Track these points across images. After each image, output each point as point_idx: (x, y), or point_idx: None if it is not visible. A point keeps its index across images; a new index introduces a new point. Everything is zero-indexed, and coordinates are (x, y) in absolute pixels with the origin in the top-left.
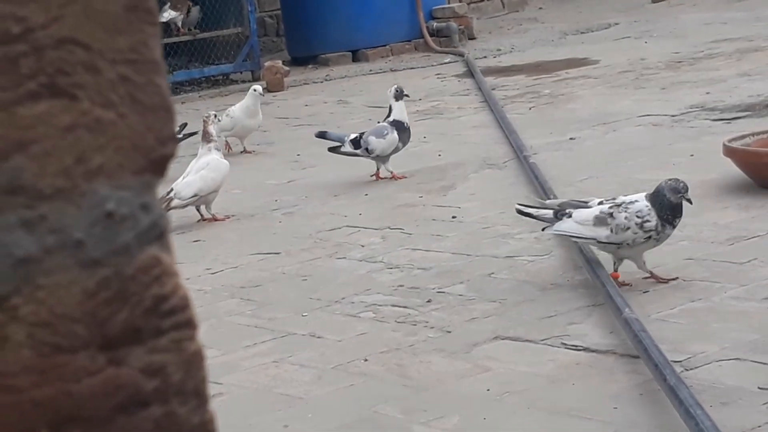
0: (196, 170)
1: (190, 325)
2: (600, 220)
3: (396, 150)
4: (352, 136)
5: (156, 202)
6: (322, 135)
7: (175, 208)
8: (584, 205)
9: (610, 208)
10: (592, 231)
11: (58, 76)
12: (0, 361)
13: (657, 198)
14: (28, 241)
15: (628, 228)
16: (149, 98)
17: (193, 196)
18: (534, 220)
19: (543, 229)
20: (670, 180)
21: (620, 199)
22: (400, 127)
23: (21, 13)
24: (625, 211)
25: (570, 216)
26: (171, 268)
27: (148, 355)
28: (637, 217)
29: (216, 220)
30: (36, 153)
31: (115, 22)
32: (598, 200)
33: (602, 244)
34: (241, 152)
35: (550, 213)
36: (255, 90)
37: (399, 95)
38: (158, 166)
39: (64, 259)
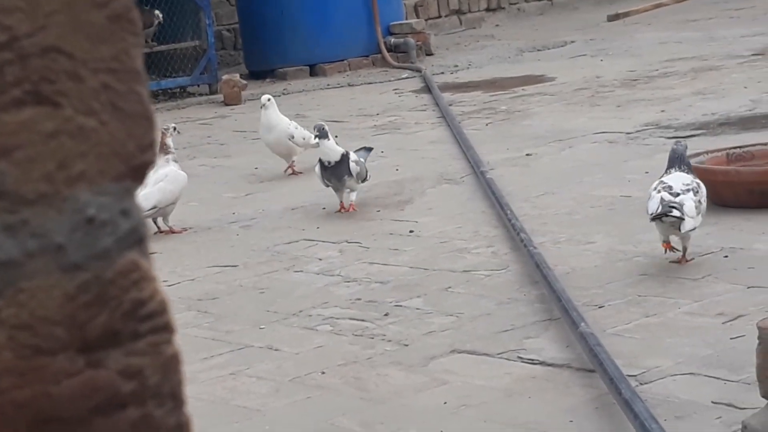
0: (154, 182)
1: (167, 329)
2: (697, 207)
3: (332, 187)
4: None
5: (135, 208)
6: None
7: None
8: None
9: (687, 191)
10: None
11: (42, 84)
12: None
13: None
14: (10, 244)
15: (701, 202)
16: (130, 106)
17: (152, 209)
18: (493, 235)
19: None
20: (675, 145)
21: (671, 179)
22: (324, 166)
23: (7, 22)
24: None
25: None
26: (149, 273)
27: (125, 357)
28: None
29: (173, 232)
30: (19, 159)
31: (98, 32)
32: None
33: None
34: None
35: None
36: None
37: (322, 134)
38: (138, 172)
39: (46, 263)
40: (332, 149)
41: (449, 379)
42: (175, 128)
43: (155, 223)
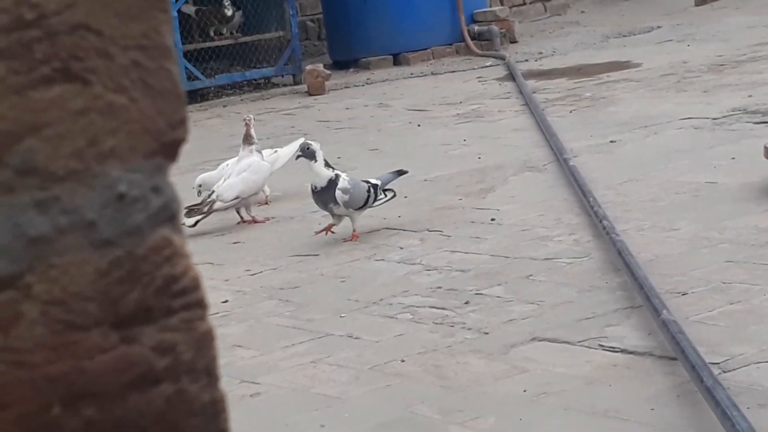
0: (237, 172)
1: (200, 305)
2: None
3: (328, 212)
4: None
5: (167, 185)
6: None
7: (217, 210)
8: None
9: None
10: None
11: (71, 61)
12: (14, 337)
13: None
14: (41, 221)
15: None
16: (160, 83)
17: (235, 198)
18: (575, 223)
19: None
20: None
21: None
22: (312, 189)
23: (35, 0)
24: None
25: None
26: (182, 249)
27: (159, 333)
28: None
29: (256, 222)
30: (49, 136)
31: (127, 9)
32: None
33: None
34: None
35: None
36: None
37: (305, 154)
38: (169, 149)
39: (77, 239)
40: (318, 173)
41: (529, 367)
42: (252, 118)
43: (238, 213)
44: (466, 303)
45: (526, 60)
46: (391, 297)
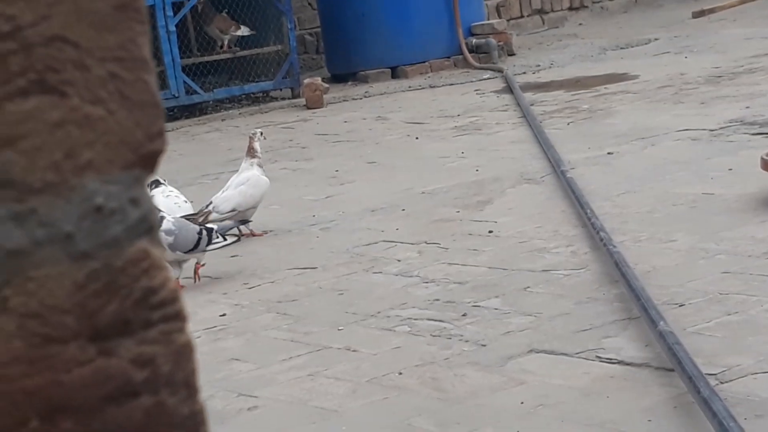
0: (235, 185)
1: (179, 317)
2: None
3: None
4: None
5: (145, 197)
6: None
7: (212, 221)
8: None
9: None
10: None
11: (48, 73)
12: None
13: None
14: (18, 233)
15: None
16: (138, 95)
17: (231, 211)
18: (572, 235)
19: None
20: None
21: None
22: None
23: (10, 12)
24: None
25: None
26: (160, 262)
27: (137, 346)
28: None
29: (254, 235)
30: (25, 148)
31: (104, 21)
32: None
33: None
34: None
35: None
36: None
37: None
38: (147, 161)
39: (54, 251)
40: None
41: (527, 379)
42: (261, 133)
43: (238, 228)
44: (464, 315)
45: (524, 72)
46: (388, 309)
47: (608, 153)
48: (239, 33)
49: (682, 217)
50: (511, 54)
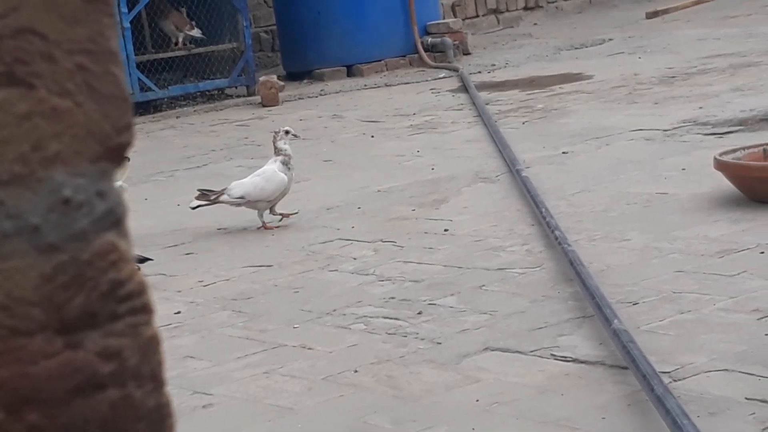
0: (251, 175)
1: (146, 310)
2: None
3: None
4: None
5: (112, 189)
6: None
7: (221, 202)
8: None
9: None
10: None
11: (16, 65)
12: None
13: None
14: None
15: None
16: (106, 87)
17: (239, 197)
18: (527, 234)
19: None
20: None
21: None
22: None
23: None
24: None
25: None
26: (127, 254)
27: (104, 339)
28: None
29: (266, 228)
30: None
31: (72, 13)
32: None
33: None
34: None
35: None
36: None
37: None
38: (115, 153)
39: (21, 244)
40: None
41: (482, 377)
42: (287, 132)
43: (272, 212)
44: (420, 313)
45: (479, 72)
46: (344, 307)
47: (563, 152)
48: (193, 33)
49: (636, 216)
50: (467, 53)
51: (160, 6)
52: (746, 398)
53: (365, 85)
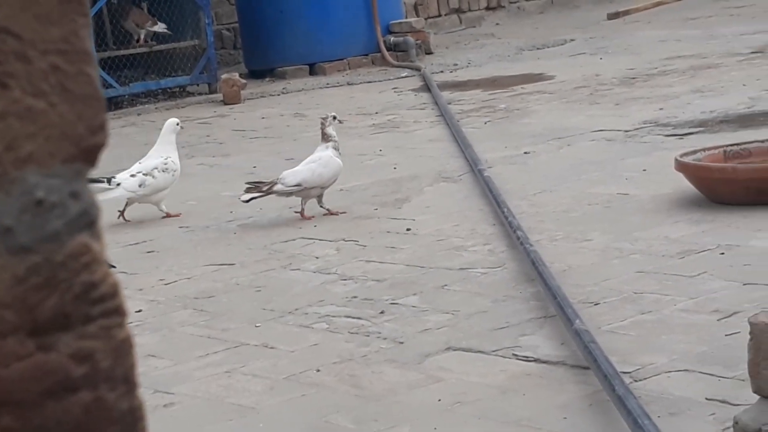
0: (306, 162)
1: (119, 312)
2: None
3: None
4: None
5: (86, 191)
6: None
7: (275, 193)
8: None
9: None
10: None
11: None
12: None
13: None
14: None
15: None
16: (80, 88)
17: (296, 185)
18: (489, 233)
19: None
20: None
21: None
22: None
23: None
24: None
25: None
26: (101, 256)
27: (77, 341)
28: None
29: (332, 214)
30: None
31: (47, 13)
32: None
33: None
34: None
35: None
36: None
37: None
38: (88, 154)
39: None
40: None
41: (444, 377)
42: (335, 117)
43: (320, 206)
44: (382, 313)
45: (442, 71)
46: (306, 306)
47: (525, 152)
48: (155, 28)
49: (597, 216)
50: (429, 53)
51: (120, 4)
52: (706, 398)
53: (327, 84)
